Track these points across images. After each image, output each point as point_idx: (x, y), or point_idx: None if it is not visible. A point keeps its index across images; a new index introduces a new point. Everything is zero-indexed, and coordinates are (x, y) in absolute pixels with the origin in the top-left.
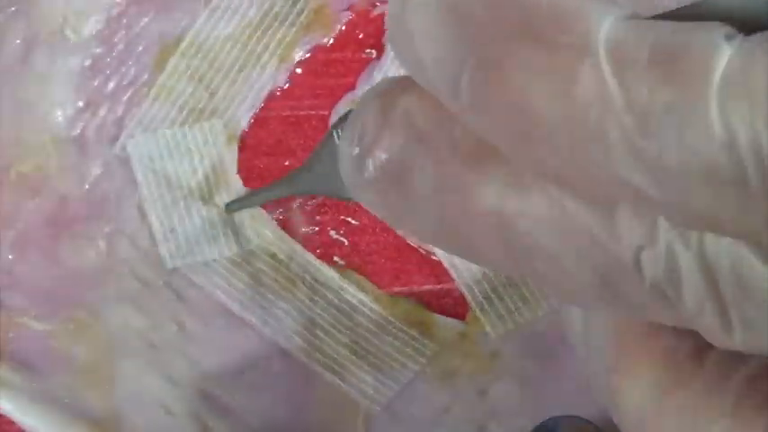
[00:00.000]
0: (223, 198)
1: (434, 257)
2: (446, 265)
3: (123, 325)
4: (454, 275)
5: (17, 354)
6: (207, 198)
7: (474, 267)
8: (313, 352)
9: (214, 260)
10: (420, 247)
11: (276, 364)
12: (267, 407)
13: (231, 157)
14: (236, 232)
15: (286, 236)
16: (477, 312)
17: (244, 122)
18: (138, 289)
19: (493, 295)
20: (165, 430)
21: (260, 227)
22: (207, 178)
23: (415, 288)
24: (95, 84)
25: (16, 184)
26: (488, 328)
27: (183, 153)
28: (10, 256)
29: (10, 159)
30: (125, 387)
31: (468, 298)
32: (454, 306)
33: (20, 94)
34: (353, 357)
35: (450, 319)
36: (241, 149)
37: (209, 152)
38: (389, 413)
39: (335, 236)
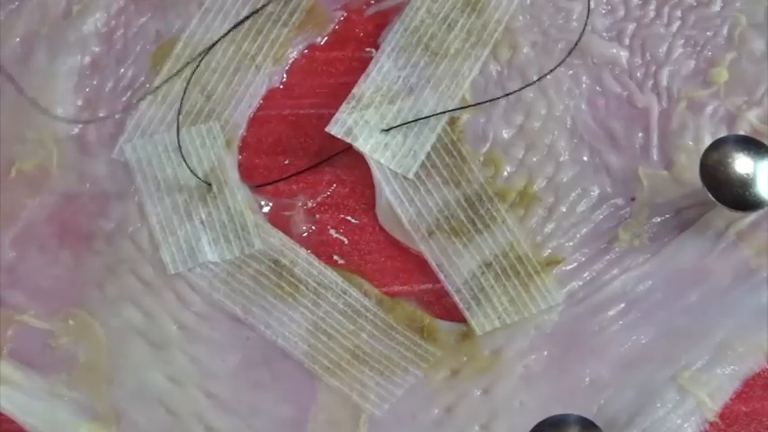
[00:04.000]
0: (225, 199)
1: None
2: (434, 266)
3: (124, 324)
4: (442, 277)
5: (17, 352)
6: (207, 200)
7: (462, 269)
8: (315, 355)
9: (216, 263)
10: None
11: (278, 364)
12: (270, 407)
13: (231, 159)
14: (239, 236)
15: (291, 242)
16: (465, 312)
17: (242, 123)
18: (138, 288)
19: (481, 296)
20: (167, 429)
21: (264, 233)
22: (206, 179)
23: (416, 287)
24: (94, 83)
25: (17, 183)
26: (474, 327)
27: (181, 156)
28: (11, 255)
29: (11, 157)
30: (126, 386)
31: (456, 299)
32: (455, 305)
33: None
34: (355, 362)
35: (452, 323)
36: (240, 150)
37: (207, 154)
38: (392, 414)
39: (336, 234)
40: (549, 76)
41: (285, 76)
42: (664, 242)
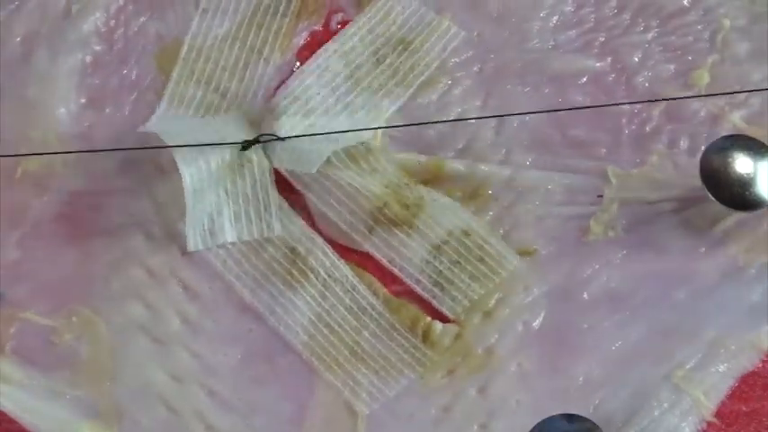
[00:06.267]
0: (252, 170)
1: None
2: (385, 263)
3: (127, 320)
4: (399, 273)
5: (20, 349)
6: (235, 167)
7: (414, 258)
8: (314, 347)
9: (233, 243)
10: None
11: (279, 359)
12: (271, 403)
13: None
14: (260, 216)
15: (310, 230)
16: (432, 302)
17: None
18: (144, 280)
19: (441, 281)
20: (168, 428)
21: (285, 219)
22: (233, 158)
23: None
24: (97, 82)
25: (23, 183)
26: (446, 311)
27: (211, 134)
28: (16, 253)
29: (16, 157)
30: (128, 383)
31: (418, 290)
32: None
33: (22, 92)
34: (353, 359)
35: (446, 325)
36: None
37: (235, 136)
38: (390, 413)
39: None
40: (497, 96)
41: (297, 64)
42: (642, 233)
